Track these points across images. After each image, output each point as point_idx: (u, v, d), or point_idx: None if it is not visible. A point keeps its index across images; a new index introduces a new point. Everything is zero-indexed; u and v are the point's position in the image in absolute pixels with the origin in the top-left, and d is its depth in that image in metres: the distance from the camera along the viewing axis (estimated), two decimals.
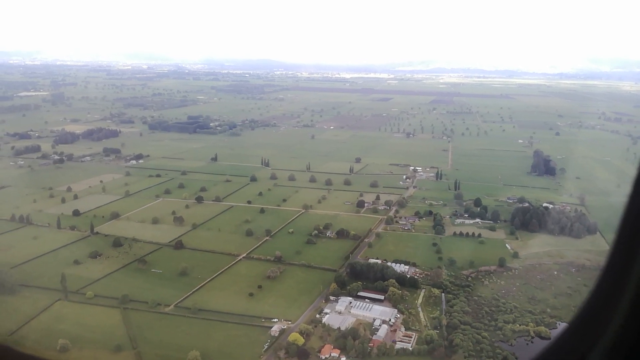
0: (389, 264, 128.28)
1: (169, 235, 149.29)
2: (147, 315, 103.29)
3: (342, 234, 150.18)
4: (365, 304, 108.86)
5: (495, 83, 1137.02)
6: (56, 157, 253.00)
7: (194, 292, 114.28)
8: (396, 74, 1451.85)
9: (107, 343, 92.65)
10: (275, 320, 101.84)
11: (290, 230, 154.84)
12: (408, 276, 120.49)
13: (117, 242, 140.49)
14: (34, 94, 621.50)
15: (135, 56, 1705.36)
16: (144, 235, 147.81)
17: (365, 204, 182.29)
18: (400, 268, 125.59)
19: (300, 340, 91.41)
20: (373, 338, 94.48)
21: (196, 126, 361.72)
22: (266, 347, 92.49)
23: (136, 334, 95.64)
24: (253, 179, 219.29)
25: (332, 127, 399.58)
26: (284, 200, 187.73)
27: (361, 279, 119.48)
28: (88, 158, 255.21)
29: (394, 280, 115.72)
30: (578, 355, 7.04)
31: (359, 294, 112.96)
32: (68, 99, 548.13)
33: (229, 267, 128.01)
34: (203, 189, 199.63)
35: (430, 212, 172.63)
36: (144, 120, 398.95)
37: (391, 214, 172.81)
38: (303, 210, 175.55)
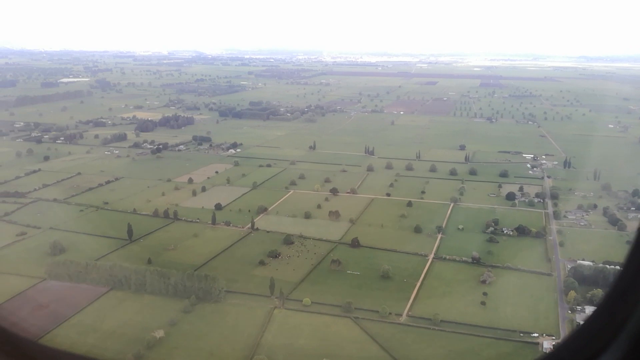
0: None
1: (333, 232, 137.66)
2: (387, 328, 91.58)
3: (522, 230, 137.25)
4: None
5: (528, 66, 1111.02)
6: (149, 146, 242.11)
7: (414, 299, 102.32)
8: (419, 58, 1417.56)
9: None
10: (536, 334, 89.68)
11: (460, 226, 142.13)
12: None
13: (288, 240, 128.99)
14: (75, 80, 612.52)
15: (151, 44, 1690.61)
16: (307, 232, 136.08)
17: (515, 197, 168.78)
18: None
19: None
20: None
21: (269, 113, 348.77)
22: None
23: (395, 351, 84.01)
24: (370, 169, 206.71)
25: (402, 112, 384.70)
26: (423, 192, 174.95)
27: (588, 284, 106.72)
28: (182, 147, 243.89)
29: None
30: (589, 355, 6.91)
31: None
32: (115, 86, 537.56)
33: (428, 270, 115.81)
34: (327, 180, 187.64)
35: (595, 206, 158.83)
36: (210, 107, 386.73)
37: (552, 207, 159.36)
38: (452, 204, 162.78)
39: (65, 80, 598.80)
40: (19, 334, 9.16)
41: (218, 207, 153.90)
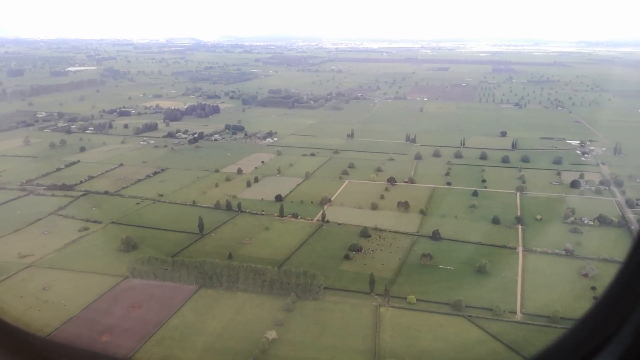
0: None
1: (407, 223, 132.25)
2: (507, 327, 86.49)
3: (602, 220, 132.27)
4: None
5: (532, 51, 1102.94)
6: (183, 135, 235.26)
7: (521, 295, 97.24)
8: (420, 44, 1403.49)
9: None
10: None
11: (538, 217, 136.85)
12: None
13: (365, 233, 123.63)
14: (82, 68, 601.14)
15: (148, 32, 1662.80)
16: (380, 224, 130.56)
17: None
18: None
19: None
20: None
21: (293, 100, 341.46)
22: None
23: (529, 353, 78.98)
24: (418, 157, 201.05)
25: (425, 99, 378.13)
26: (484, 181, 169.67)
27: None
28: (217, 136, 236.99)
29: None
30: (592, 347, 6.83)
31: None
32: (125, 74, 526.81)
33: (523, 263, 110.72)
34: (379, 169, 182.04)
35: None
36: (230, 95, 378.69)
37: (620, 195, 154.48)
38: (518, 193, 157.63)
39: (72, 69, 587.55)
40: (21, 328, 8.84)
41: (279, 198, 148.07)
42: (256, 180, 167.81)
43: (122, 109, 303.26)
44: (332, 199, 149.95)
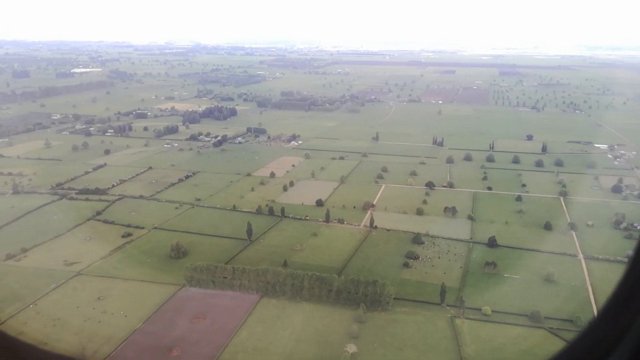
0: None
1: (458, 229, 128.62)
2: None
3: None
4: None
5: (533, 54, 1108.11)
6: (205, 138, 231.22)
7: (595, 304, 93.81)
8: (420, 47, 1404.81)
9: None
10: None
11: (590, 222, 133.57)
12: None
13: (418, 239, 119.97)
14: (88, 70, 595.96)
15: (146, 34, 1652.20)
16: (430, 230, 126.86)
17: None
18: None
19: None
20: None
21: (309, 103, 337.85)
22: None
23: None
24: (449, 161, 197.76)
25: (440, 102, 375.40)
26: (524, 186, 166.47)
27: None
28: (241, 139, 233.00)
29: None
30: (596, 357, 6.79)
31: None
32: (133, 76, 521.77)
33: (588, 271, 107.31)
34: (413, 173, 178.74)
35: None
36: (244, 98, 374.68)
37: None
38: (561, 197, 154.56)
39: (77, 70, 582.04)
40: (10, 334, 8.85)
41: (319, 203, 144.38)
42: (292, 184, 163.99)
43: (138, 111, 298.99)
44: (374, 204, 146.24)
